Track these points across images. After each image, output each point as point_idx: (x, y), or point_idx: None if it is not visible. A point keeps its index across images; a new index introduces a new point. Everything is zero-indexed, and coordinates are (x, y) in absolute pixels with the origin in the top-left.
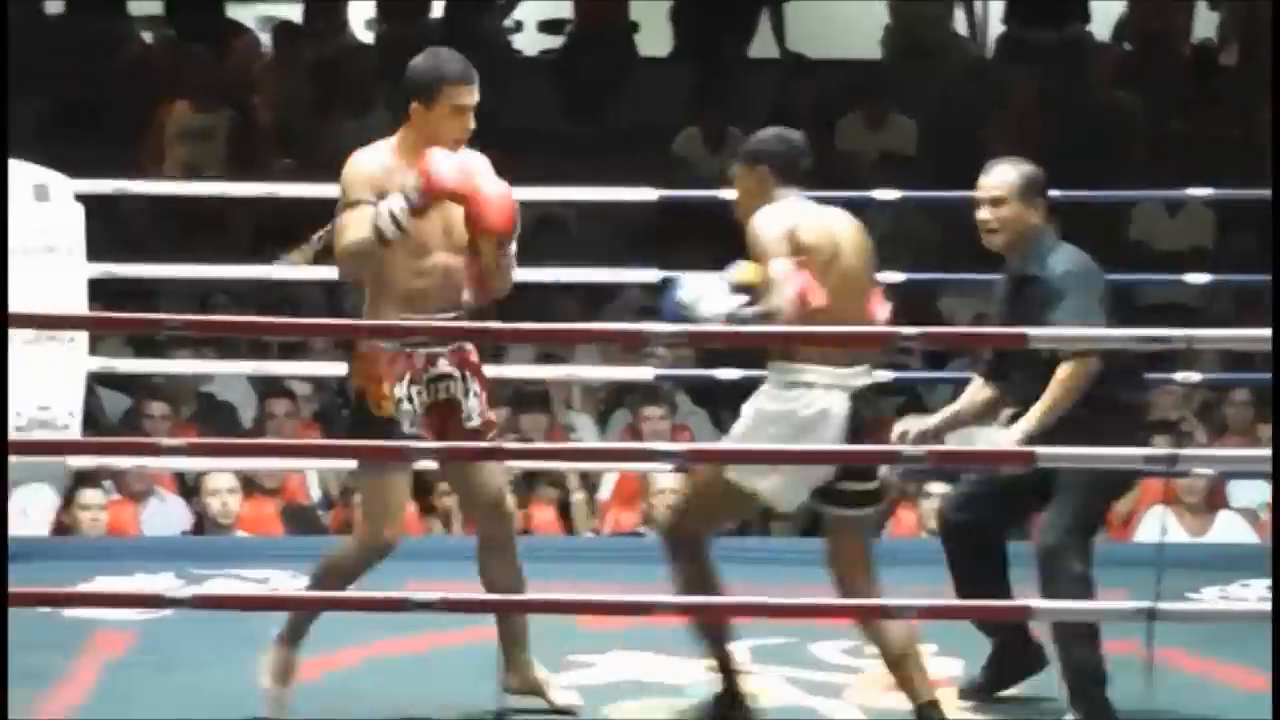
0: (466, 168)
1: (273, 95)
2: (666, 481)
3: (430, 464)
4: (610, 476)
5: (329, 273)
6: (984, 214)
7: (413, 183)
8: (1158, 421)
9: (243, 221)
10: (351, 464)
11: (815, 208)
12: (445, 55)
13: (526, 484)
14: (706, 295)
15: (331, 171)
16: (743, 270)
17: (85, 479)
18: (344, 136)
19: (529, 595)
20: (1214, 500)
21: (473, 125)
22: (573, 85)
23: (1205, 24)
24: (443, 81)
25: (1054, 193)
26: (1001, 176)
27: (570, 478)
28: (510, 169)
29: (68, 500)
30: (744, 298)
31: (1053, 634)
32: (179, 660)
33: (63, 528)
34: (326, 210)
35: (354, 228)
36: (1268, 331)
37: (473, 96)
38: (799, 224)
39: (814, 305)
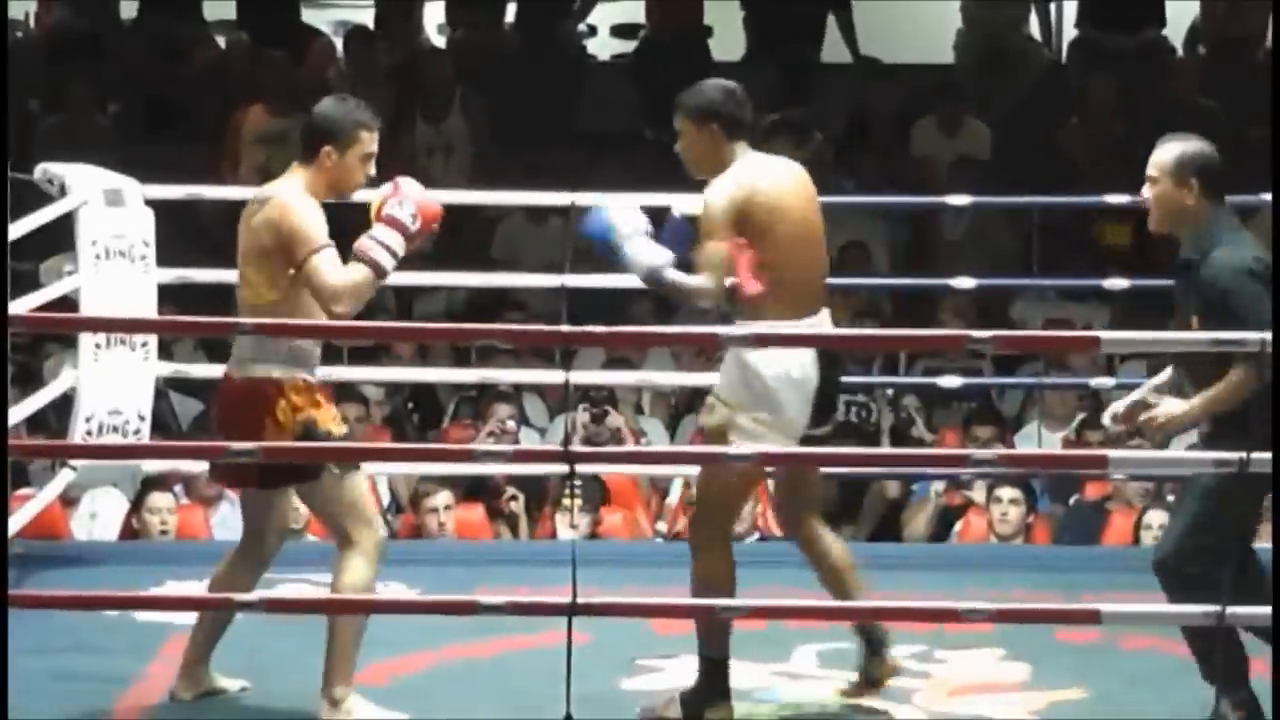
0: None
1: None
2: None
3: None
4: (679, 481)
5: (403, 278)
6: (1144, 191)
7: (405, 213)
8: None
9: None
10: (425, 468)
11: (764, 166)
12: (356, 103)
13: (600, 492)
14: (639, 238)
15: (407, 176)
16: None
17: (153, 483)
18: (419, 141)
19: (612, 600)
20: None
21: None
22: (648, 90)
23: None
24: (360, 128)
25: (1127, 198)
26: (1159, 154)
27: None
28: (587, 173)
29: (136, 504)
30: (671, 255)
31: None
32: (250, 664)
33: (131, 531)
34: None
35: (341, 270)
36: None
37: (375, 144)
38: (751, 195)
39: (750, 294)
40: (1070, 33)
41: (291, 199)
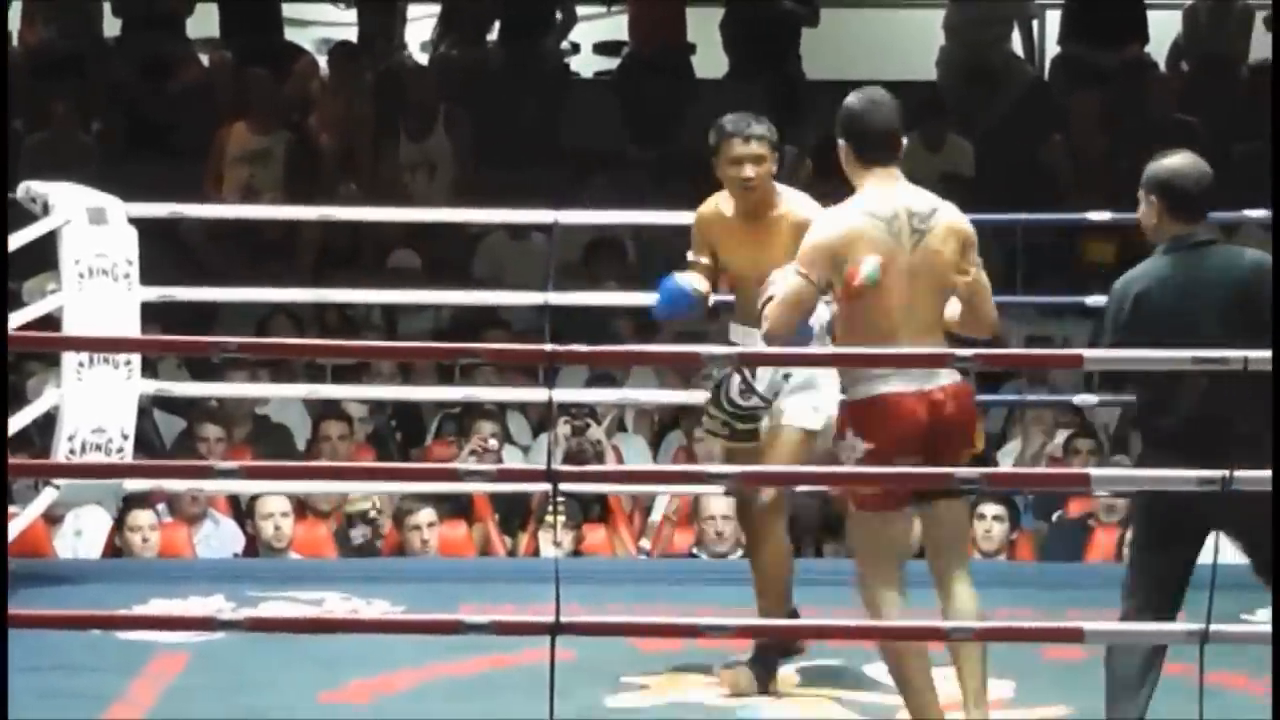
0: None
1: (330, 117)
2: (718, 505)
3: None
4: (662, 499)
5: (387, 295)
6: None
7: None
8: None
9: (304, 244)
10: (409, 486)
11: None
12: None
13: (582, 507)
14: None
15: (391, 194)
16: None
17: (135, 501)
18: (403, 158)
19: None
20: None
21: None
22: (632, 107)
23: (1263, 45)
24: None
25: (1110, 215)
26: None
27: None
28: (571, 190)
29: (118, 522)
30: None
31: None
32: (234, 682)
33: (114, 550)
34: (384, 232)
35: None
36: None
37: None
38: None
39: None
40: (1053, 49)
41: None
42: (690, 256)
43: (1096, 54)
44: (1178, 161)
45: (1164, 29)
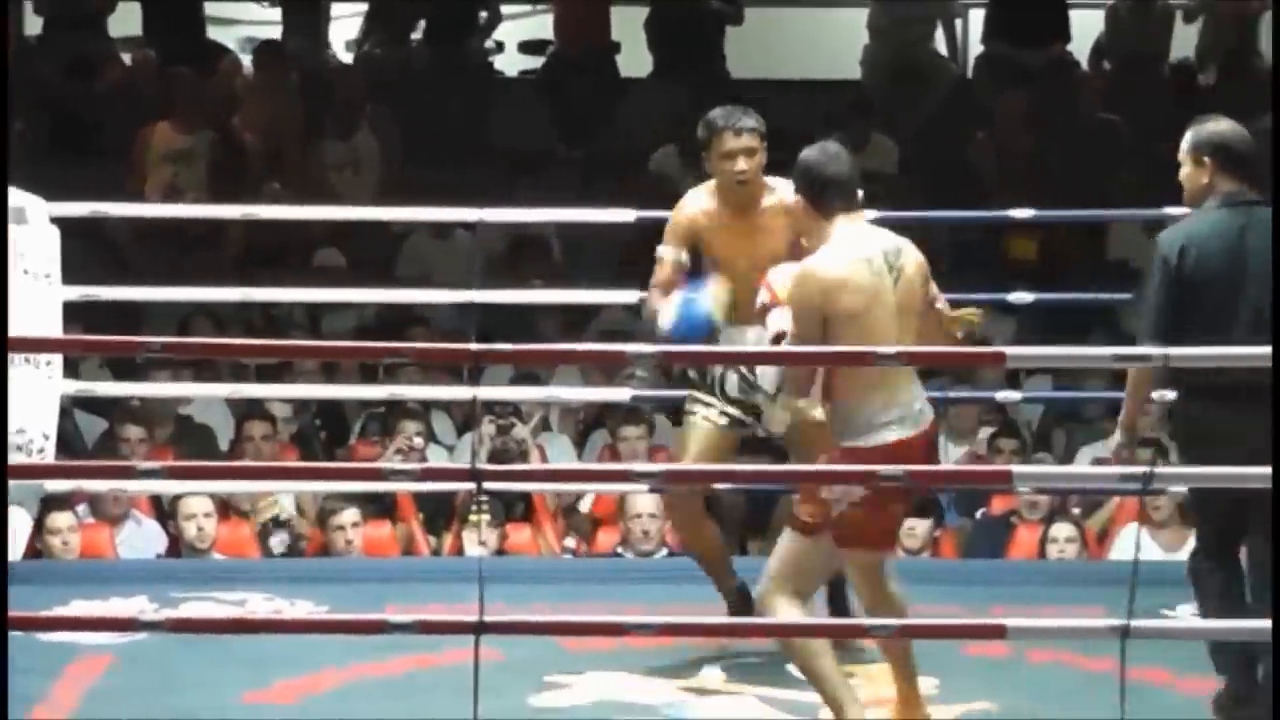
0: None
1: (255, 117)
2: (644, 503)
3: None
4: (588, 497)
5: (311, 294)
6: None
7: None
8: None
9: (229, 243)
10: (333, 485)
11: None
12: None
13: (506, 506)
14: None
15: (316, 193)
16: None
17: (55, 503)
18: (328, 158)
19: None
20: (1189, 517)
21: None
22: (557, 106)
23: (1183, 44)
24: None
25: (1032, 212)
26: (1185, 139)
27: None
28: (496, 189)
29: (38, 524)
30: None
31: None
32: (157, 683)
33: (35, 551)
34: (308, 231)
35: None
36: (1245, 350)
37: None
38: None
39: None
40: (977, 48)
41: None
42: (664, 253)
43: (1020, 53)
44: (1225, 125)
45: (1086, 28)
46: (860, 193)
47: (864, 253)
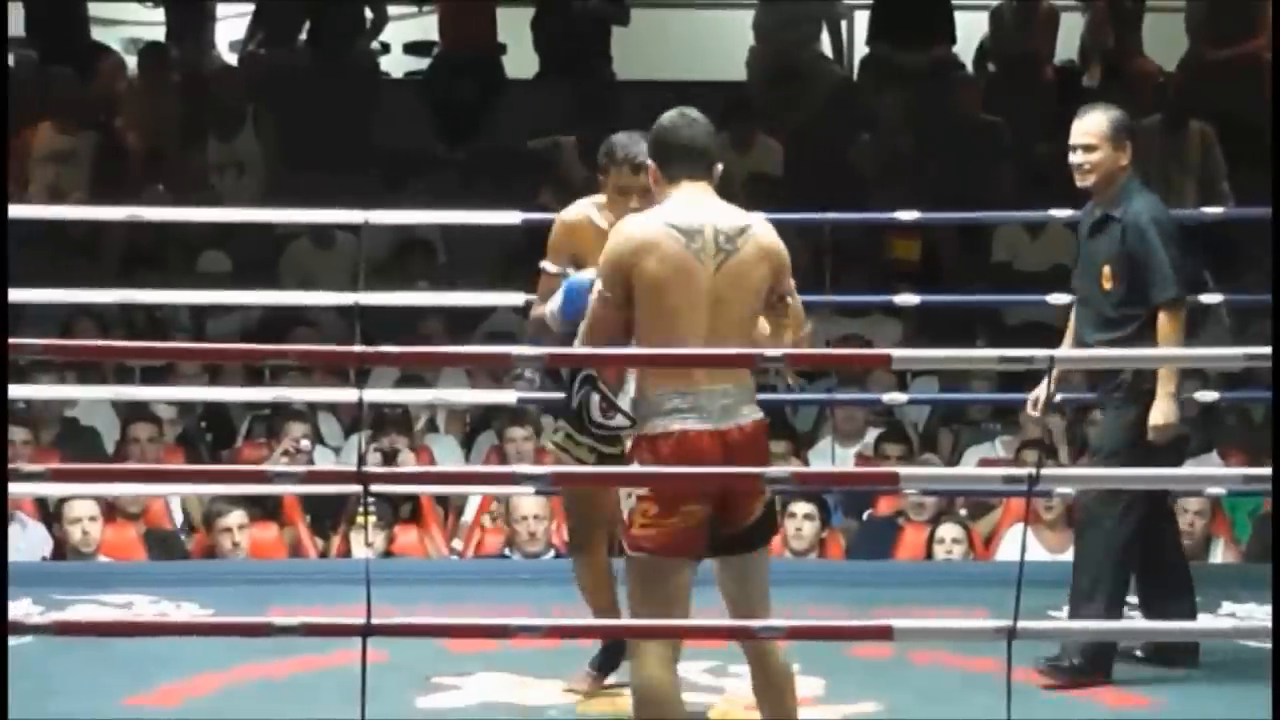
0: None
1: (138, 117)
2: (530, 505)
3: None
4: (475, 499)
5: (195, 296)
6: (1077, 158)
7: None
8: (1023, 441)
9: (110, 245)
10: (219, 488)
11: None
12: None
13: (393, 508)
14: None
15: (199, 195)
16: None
17: None
18: (211, 159)
19: (410, 620)
20: (1075, 518)
21: None
22: (442, 107)
23: (1067, 46)
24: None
25: (916, 214)
26: (1094, 123)
27: None
28: (380, 191)
29: None
30: None
31: None
32: (40, 687)
33: None
34: (192, 233)
35: None
36: (1125, 352)
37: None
38: None
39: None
40: (861, 50)
41: None
42: (547, 267)
43: (904, 54)
44: (1121, 111)
45: (971, 30)
46: (719, 166)
47: (686, 223)
